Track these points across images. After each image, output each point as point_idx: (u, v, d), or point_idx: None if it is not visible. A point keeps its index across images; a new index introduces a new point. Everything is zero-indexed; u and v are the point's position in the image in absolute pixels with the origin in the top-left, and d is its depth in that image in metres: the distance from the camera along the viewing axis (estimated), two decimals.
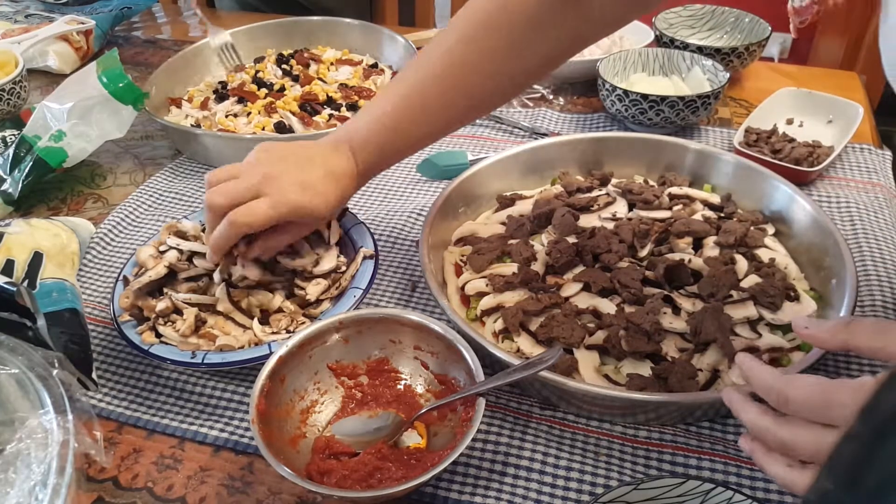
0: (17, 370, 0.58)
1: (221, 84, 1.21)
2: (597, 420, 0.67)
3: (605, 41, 1.30)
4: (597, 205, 0.86)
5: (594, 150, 0.93)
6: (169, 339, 0.72)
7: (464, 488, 0.62)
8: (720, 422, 0.66)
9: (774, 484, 0.60)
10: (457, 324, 0.67)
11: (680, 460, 0.63)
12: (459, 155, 1.03)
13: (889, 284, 0.78)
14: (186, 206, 0.99)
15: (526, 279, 0.75)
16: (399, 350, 0.69)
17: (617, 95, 1.05)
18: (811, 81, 1.18)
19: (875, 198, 0.93)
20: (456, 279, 0.79)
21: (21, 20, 1.50)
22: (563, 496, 0.61)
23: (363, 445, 0.63)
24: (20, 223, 0.84)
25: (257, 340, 0.72)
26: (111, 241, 0.93)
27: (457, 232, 0.86)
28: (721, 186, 0.89)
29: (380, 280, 0.84)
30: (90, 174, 1.08)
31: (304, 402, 0.67)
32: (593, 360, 0.68)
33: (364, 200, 0.99)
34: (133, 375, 0.74)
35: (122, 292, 0.75)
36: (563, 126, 1.14)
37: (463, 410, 0.62)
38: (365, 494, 0.57)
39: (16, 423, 0.55)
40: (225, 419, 0.69)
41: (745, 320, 0.70)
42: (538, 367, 0.60)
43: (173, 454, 0.66)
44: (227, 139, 1.05)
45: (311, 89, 1.17)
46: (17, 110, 1.18)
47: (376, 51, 1.32)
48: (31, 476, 0.51)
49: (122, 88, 1.00)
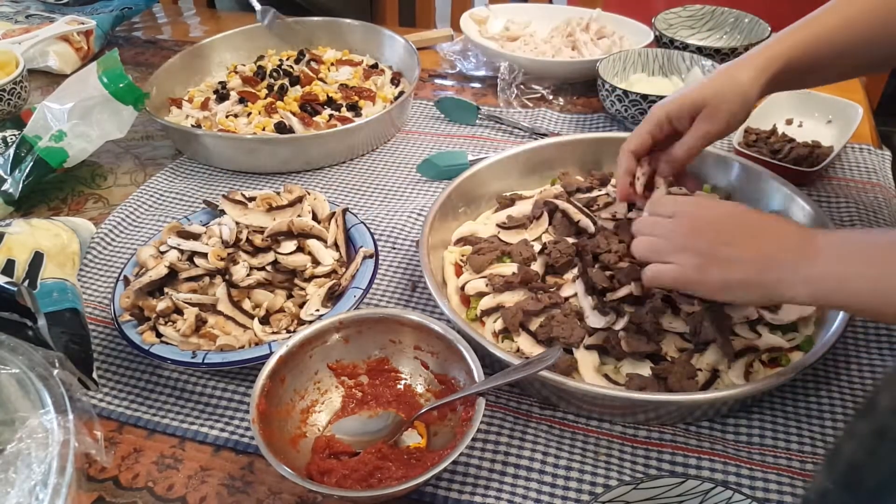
0: (18, 370, 0.58)
1: (221, 84, 1.21)
2: (597, 420, 0.67)
3: (605, 41, 1.30)
4: (597, 205, 0.86)
5: (594, 151, 0.93)
6: (169, 339, 0.72)
7: (464, 488, 0.62)
8: (720, 421, 0.66)
9: (774, 483, 0.61)
10: (457, 324, 0.67)
11: (679, 460, 0.63)
12: (459, 155, 1.03)
13: None
14: (187, 207, 0.99)
15: (526, 279, 0.75)
16: (399, 350, 0.69)
17: (616, 96, 1.05)
18: None
19: (874, 198, 0.93)
20: (456, 279, 0.79)
21: (22, 20, 1.50)
22: (562, 496, 0.61)
23: (363, 445, 0.63)
24: (21, 223, 0.84)
25: (258, 340, 0.72)
26: (112, 241, 0.93)
27: (457, 232, 0.86)
28: (721, 186, 0.89)
29: (380, 280, 0.84)
30: (91, 174, 1.08)
31: (305, 401, 0.67)
32: (593, 360, 0.68)
33: (364, 200, 0.99)
34: (134, 375, 0.74)
35: (122, 292, 0.75)
36: (562, 126, 1.14)
37: (463, 410, 0.62)
38: (365, 494, 0.57)
39: (16, 422, 0.55)
40: (225, 419, 0.69)
41: (744, 320, 0.70)
42: (538, 367, 0.60)
43: (174, 454, 0.66)
44: (227, 139, 1.05)
45: (311, 89, 1.17)
46: (18, 110, 1.18)
47: (377, 51, 1.32)
48: (32, 476, 0.52)
49: (123, 89, 1.00)
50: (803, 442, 0.64)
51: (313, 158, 1.06)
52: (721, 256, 0.60)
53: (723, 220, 0.64)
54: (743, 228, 0.62)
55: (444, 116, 1.17)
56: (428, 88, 1.28)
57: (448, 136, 1.13)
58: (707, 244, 0.61)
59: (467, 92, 1.26)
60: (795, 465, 0.62)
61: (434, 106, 1.19)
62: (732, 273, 0.59)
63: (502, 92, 1.21)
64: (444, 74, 1.32)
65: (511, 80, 1.21)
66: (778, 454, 0.63)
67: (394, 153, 1.10)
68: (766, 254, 0.59)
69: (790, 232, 0.61)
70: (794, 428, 0.65)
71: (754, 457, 0.63)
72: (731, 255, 0.60)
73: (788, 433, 0.65)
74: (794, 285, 0.57)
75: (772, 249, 0.59)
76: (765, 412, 0.67)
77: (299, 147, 1.04)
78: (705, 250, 0.61)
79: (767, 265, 0.59)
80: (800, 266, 0.57)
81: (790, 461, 0.63)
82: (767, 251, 0.59)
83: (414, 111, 1.20)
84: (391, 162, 1.07)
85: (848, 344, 0.73)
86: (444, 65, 1.35)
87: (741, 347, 0.68)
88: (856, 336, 0.74)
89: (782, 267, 0.58)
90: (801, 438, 0.64)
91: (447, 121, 1.17)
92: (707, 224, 0.63)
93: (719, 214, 0.65)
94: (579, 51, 1.28)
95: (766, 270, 0.58)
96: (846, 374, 0.70)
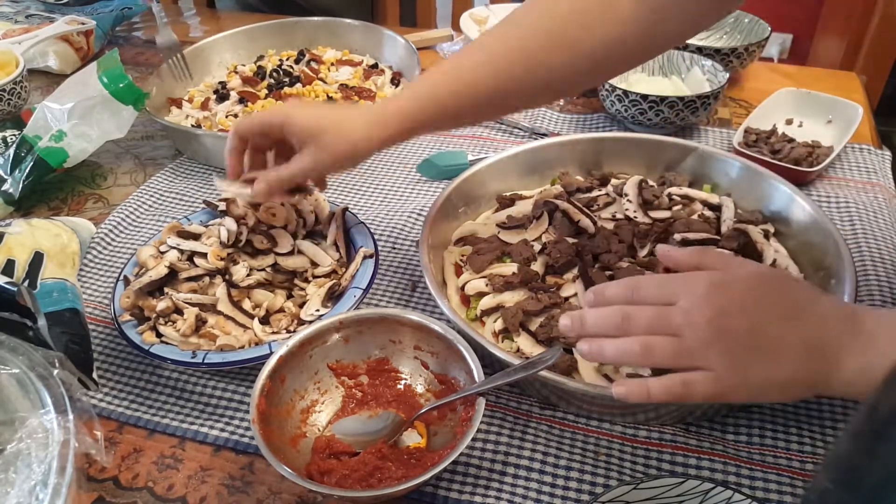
0: (18, 370, 0.58)
1: (221, 84, 1.21)
2: (596, 420, 0.67)
3: None
4: (597, 205, 0.86)
5: (594, 151, 0.93)
6: (169, 339, 0.72)
7: (464, 488, 0.62)
8: (720, 421, 0.66)
9: (774, 483, 0.61)
10: (457, 324, 0.67)
11: (679, 460, 0.63)
12: (459, 155, 1.03)
13: (888, 284, 0.78)
14: (187, 207, 0.99)
15: (526, 279, 0.75)
16: (399, 350, 0.69)
17: (616, 96, 1.05)
18: (811, 82, 1.18)
19: (874, 198, 0.93)
20: (456, 279, 0.79)
21: (21, 20, 1.50)
22: (562, 495, 0.61)
23: (363, 445, 0.63)
24: (21, 223, 0.84)
25: (258, 340, 0.72)
26: (112, 241, 0.93)
27: (457, 232, 0.86)
28: (721, 187, 0.89)
29: (380, 280, 0.84)
30: (91, 174, 1.08)
31: (305, 401, 0.67)
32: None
33: (364, 200, 0.99)
34: (134, 375, 0.74)
35: (122, 292, 0.75)
36: (562, 126, 1.14)
37: (463, 410, 0.62)
38: (365, 494, 0.57)
39: (16, 422, 0.55)
40: (225, 419, 0.69)
41: None
42: (538, 367, 0.60)
43: (174, 454, 0.66)
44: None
45: (311, 89, 1.17)
46: (18, 111, 1.18)
47: (377, 51, 1.32)
48: (32, 476, 0.52)
49: (123, 89, 1.00)
50: (803, 442, 0.64)
51: None
52: (756, 348, 0.49)
53: (748, 302, 0.51)
54: (778, 307, 0.51)
55: None
56: None
57: (448, 136, 1.13)
58: (738, 339, 0.50)
59: None
60: (795, 465, 0.62)
61: None
62: (779, 370, 0.49)
63: None
64: None
65: None
66: (778, 454, 0.63)
67: (394, 153, 1.10)
68: (811, 340, 0.49)
69: (832, 310, 0.52)
70: (793, 428, 0.65)
71: (754, 457, 0.63)
72: (767, 346, 0.49)
73: (788, 433, 0.65)
74: (850, 376, 0.49)
75: (818, 333, 0.50)
76: (765, 412, 0.67)
77: None
78: (741, 344, 0.49)
79: (819, 356, 0.49)
80: (854, 354, 0.48)
81: (790, 461, 0.63)
82: (813, 336, 0.50)
83: None
84: (391, 162, 1.07)
85: None
86: None
87: None
88: None
89: (835, 357, 0.49)
90: (801, 438, 0.64)
91: None
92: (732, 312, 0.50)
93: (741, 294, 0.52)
94: None
95: (816, 360, 0.49)
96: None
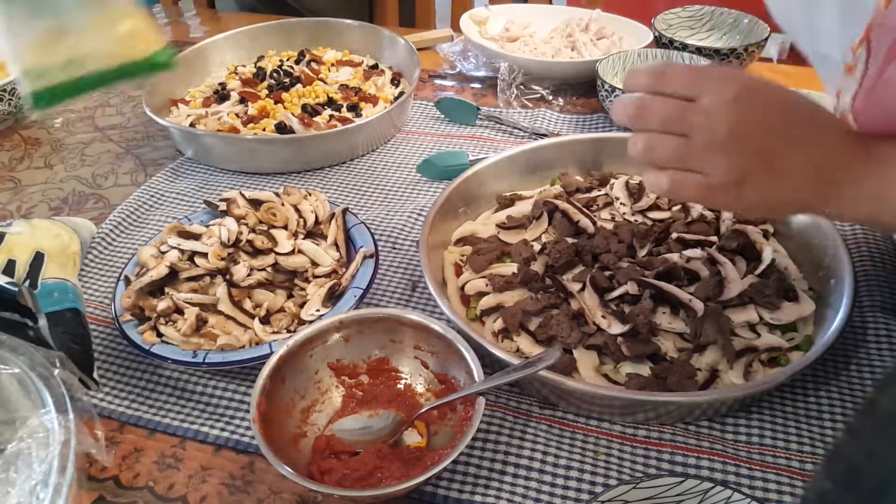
0: (19, 370, 0.58)
1: (221, 85, 1.22)
2: (596, 419, 0.67)
3: (605, 42, 1.30)
4: (596, 205, 0.86)
5: (594, 151, 0.93)
6: (170, 339, 0.72)
7: (464, 487, 0.62)
8: (719, 421, 0.66)
9: (774, 483, 0.61)
10: (457, 324, 0.68)
11: (679, 459, 0.64)
12: (459, 155, 1.03)
13: (888, 284, 0.78)
14: (187, 207, 1.00)
15: (526, 279, 0.75)
16: (399, 349, 0.69)
17: (616, 96, 1.06)
18: (810, 82, 1.17)
19: None
20: (456, 279, 0.79)
21: None
22: (562, 495, 0.61)
23: (363, 444, 0.63)
24: (22, 223, 0.84)
25: (258, 340, 0.72)
26: (112, 241, 0.93)
27: (457, 232, 0.86)
28: None
29: (380, 280, 0.84)
30: (91, 174, 1.08)
31: (305, 401, 0.67)
32: (592, 360, 0.69)
33: (364, 200, 0.99)
34: (134, 375, 0.74)
35: (123, 292, 0.75)
36: (562, 127, 1.14)
37: (463, 409, 0.63)
38: (365, 493, 0.57)
39: (17, 422, 0.55)
40: (226, 418, 0.69)
41: (745, 324, 0.70)
42: (538, 367, 0.60)
43: (174, 453, 0.66)
44: (227, 139, 1.05)
45: (311, 90, 1.17)
46: (18, 110, 1.18)
47: (377, 52, 1.32)
48: (33, 475, 0.52)
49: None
50: (803, 442, 0.64)
51: (313, 159, 1.06)
52: (766, 168, 0.48)
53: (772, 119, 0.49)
54: (791, 128, 0.49)
55: (444, 117, 1.17)
56: (428, 89, 1.28)
57: (448, 136, 1.13)
58: (751, 153, 0.48)
59: (467, 92, 1.26)
60: (795, 464, 0.62)
61: (434, 106, 1.19)
62: (779, 191, 0.49)
63: (502, 92, 1.21)
64: (444, 75, 1.32)
65: (511, 81, 1.21)
66: (778, 454, 0.63)
67: (394, 153, 1.10)
68: (820, 165, 0.48)
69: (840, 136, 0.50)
70: (793, 428, 0.65)
71: (754, 456, 0.63)
72: (779, 167, 0.48)
73: (788, 433, 0.65)
74: (856, 203, 0.48)
75: (826, 159, 0.48)
76: (764, 412, 0.67)
77: (299, 147, 1.04)
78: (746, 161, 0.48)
79: (824, 180, 0.48)
80: (865, 180, 0.47)
81: (790, 461, 0.63)
82: (822, 162, 0.48)
83: (414, 111, 1.20)
84: (391, 162, 1.08)
85: (847, 344, 0.73)
86: (444, 65, 1.35)
87: (741, 348, 0.68)
88: (855, 336, 0.74)
89: (843, 182, 0.48)
90: (800, 438, 0.64)
91: (447, 121, 1.17)
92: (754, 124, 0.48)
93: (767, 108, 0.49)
94: (579, 51, 1.28)
95: (822, 185, 0.48)
96: (846, 374, 0.70)
